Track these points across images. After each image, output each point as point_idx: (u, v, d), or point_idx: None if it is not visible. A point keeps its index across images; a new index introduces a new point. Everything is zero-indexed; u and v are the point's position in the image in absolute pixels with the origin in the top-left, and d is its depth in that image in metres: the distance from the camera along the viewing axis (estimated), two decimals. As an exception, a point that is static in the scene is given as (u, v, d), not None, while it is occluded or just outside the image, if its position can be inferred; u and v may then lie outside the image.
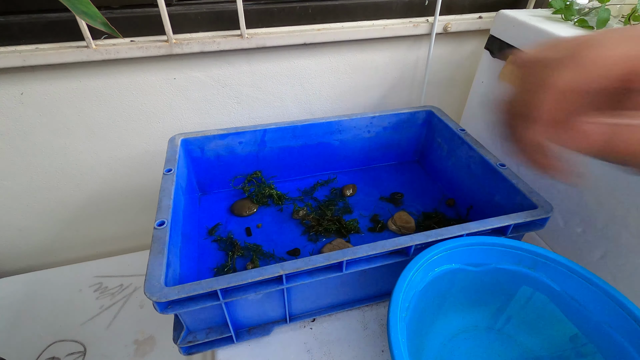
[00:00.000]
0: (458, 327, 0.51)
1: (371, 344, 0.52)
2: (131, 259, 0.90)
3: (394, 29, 0.81)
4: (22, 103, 0.71)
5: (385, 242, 0.47)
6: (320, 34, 0.77)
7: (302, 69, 0.84)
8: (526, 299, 0.49)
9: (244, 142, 0.70)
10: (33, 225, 0.88)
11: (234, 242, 0.64)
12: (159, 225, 0.48)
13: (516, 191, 0.56)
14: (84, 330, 0.76)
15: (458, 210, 0.71)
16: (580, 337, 0.45)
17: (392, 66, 0.90)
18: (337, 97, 0.91)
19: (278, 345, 0.52)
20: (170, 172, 0.57)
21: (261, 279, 0.42)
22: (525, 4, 0.89)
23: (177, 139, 0.65)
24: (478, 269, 0.48)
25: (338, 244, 0.63)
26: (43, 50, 0.65)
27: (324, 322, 0.55)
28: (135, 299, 0.82)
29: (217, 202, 0.73)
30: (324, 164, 0.79)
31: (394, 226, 0.67)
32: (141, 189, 0.91)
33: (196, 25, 0.73)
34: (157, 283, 0.41)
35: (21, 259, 0.93)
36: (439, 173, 0.78)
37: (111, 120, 0.78)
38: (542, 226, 0.53)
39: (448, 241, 0.46)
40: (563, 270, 0.45)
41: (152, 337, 0.75)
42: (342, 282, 0.52)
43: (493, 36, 0.75)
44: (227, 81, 0.80)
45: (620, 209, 0.53)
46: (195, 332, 0.49)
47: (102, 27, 0.33)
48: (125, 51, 0.68)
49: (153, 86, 0.76)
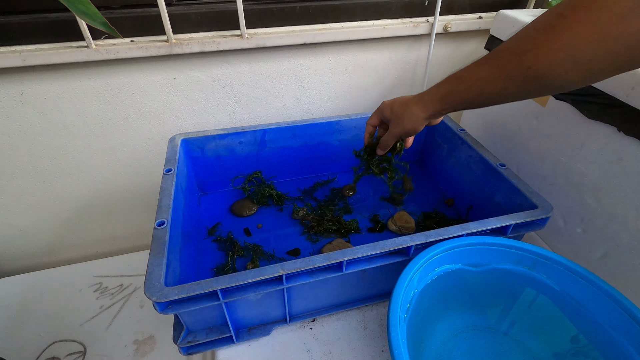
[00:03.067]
0: (458, 327, 0.51)
1: (371, 344, 0.52)
2: (131, 259, 0.90)
3: (394, 29, 0.81)
4: (22, 103, 0.71)
5: (385, 242, 0.47)
6: (320, 34, 0.77)
7: (302, 69, 0.84)
8: (529, 301, 0.49)
9: (244, 142, 0.70)
10: (33, 225, 0.88)
11: (234, 242, 0.64)
12: (159, 225, 0.48)
13: (516, 191, 0.56)
14: (84, 330, 0.76)
15: (458, 210, 0.71)
16: (581, 338, 0.45)
17: (392, 66, 0.90)
18: (337, 97, 0.91)
19: (278, 345, 0.52)
20: (170, 172, 0.57)
21: (261, 279, 0.42)
22: (525, 4, 0.89)
23: (177, 139, 0.65)
24: (478, 269, 0.48)
25: (338, 244, 0.63)
26: (43, 50, 0.65)
27: (324, 322, 0.55)
28: (135, 299, 0.82)
29: (217, 202, 0.73)
30: (324, 164, 0.79)
31: (394, 226, 0.67)
32: (141, 189, 0.91)
33: (196, 25, 0.73)
34: (157, 283, 0.41)
35: (21, 259, 0.93)
36: (439, 173, 0.78)
37: (111, 120, 0.78)
38: (542, 226, 0.53)
39: (448, 241, 0.46)
40: (563, 270, 0.45)
41: (152, 337, 0.75)
42: (342, 282, 0.52)
43: (493, 36, 0.75)
44: (227, 81, 0.80)
45: (620, 209, 0.53)
46: (195, 332, 0.49)
47: (102, 27, 0.33)
48: (125, 51, 0.68)
49: (153, 86, 0.76)
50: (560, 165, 0.62)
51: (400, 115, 0.53)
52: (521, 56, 0.37)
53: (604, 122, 0.53)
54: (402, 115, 0.52)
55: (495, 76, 0.40)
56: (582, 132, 0.57)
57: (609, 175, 0.54)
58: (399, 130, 0.54)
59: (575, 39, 0.33)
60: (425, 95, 0.50)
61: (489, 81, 0.41)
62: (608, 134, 0.53)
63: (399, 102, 0.54)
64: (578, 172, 0.59)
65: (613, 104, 0.51)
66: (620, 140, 0.52)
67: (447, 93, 0.47)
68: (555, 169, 0.63)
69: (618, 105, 0.51)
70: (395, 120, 0.54)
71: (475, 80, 0.43)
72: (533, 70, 0.36)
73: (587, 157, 0.57)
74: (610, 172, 0.54)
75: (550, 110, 0.63)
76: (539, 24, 0.36)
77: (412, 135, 0.55)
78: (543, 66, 0.36)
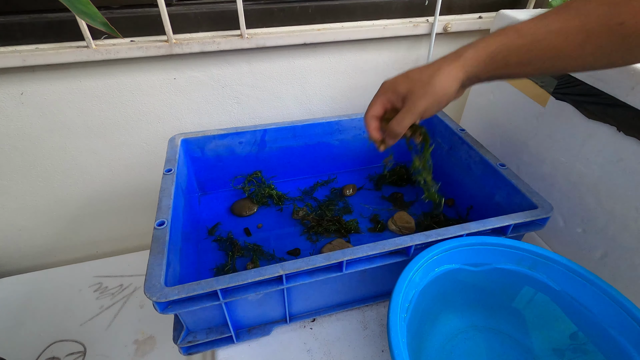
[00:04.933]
0: (458, 327, 0.51)
1: (371, 344, 0.52)
2: (131, 259, 0.90)
3: (394, 29, 0.81)
4: (22, 103, 0.71)
5: (385, 242, 0.47)
6: (320, 34, 0.77)
7: (302, 69, 0.83)
8: (528, 299, 0.49)
9: (244, 142, 0.70)
10: (33, 225, 0.88)
11: (234, 242, 0.64)
12: (159, 225, 0.48)
13: (516, 191, 0.56)
14: (84, 330, 0.76)
15: (458, 210, 0.71)
16: (580, 335, 0.45)
17: (392, 66, 0.89)
18: (337, 97, 0.91)
19: (278, 345, 0.52)
20: (170, 172, 0.57)
21: (261, 279, 0.42)
22: (525, 4, 0.89)
23: (177, 139, 0.65)
24: (478, 269, 0.48)
25: (338, 244, 0.63)
26: (43, 50, 0.65)
27: (324, 322, 0.55)
28: (135, 299, 0.82)
29: (217, 202, 0.73)
30: (324, 164, 0.79)
31: (394, 226, 0.67)
32: (141, 189, 0.91)
33: (196, 25, 0.73)
34: (157, 283, 0.41)
35: (21, 259, 0.93)
36: (439, 173, 0.78)
37: (111, 120, 0.78)
38: (542, 226, 0.53)
39: (448, 241, 0.46)
40: (563, 270, 0.45)
41: (152, 337, 0.75)
42: (342, 282, 0.52)
43: (493, 36, 0.74)
44: (227, 81, 0.80)
45: (620, 209, 0.53)
46: (195, 332, 0.49)
47: (102, 27, 0.33)
48: (125, 51, 0.68)
49: (153, 86, 0.76)
50: (560, 165, 0.62)
51: (427, 80, 0.39)
52: (613, 6, 0.30)
53: (604, 122, 0.53)
54: (430, 79, 0.39)
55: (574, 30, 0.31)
56: (582, 132, 0.57)
57: (609, 175, 0.54)
58: (427, 102, 0.39)
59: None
60: (467, 50, 0.38)
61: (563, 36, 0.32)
62: (608, 134, 0.53)
63: (416, 70, 0.41)
64: (578, 172, 0.59)
65: (613, 104, 0.51)
66: (620, 140, 0.52)
67: (500, 49, 0.36)
68: (555, 169, 0.63)
69: (618, 105, 0.51)
70: (420, 90, 0.39)
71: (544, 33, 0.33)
72: (628, 26, 0.29)
73: (587, 157, 0.57)
74: (610, 172, 0.54)
75: (550, 110, 0.63)
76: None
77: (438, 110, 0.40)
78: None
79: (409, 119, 0.40)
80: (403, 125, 0.41)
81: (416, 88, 0.39)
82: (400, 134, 0.42)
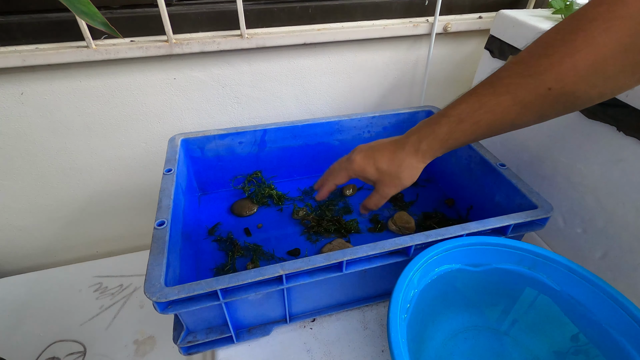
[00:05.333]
0: (458, 327, 0.51)
1: (371, 344, 0.52)
2: (131, 259, 0.90)
3: (394, 29, 0.81)
4: (22, 103, 0.71)
5: (385, 242, 0.47)
6: (320, 34, 0.77)
7: (302, 69, 0.84)
8: (530, 300, 0.49)
9: (244, 142, 0.70)
10: (33, 225, 0.88)
11: (234, 242, 0.64)
12: (159, 225, 0.48)
13: (516, 191, 0.56)
14: (84, 330, 0.76)
15: (458, 210, 0.71)
16: (581, 337, 0.45)
17: (392, 66, 0.90)
18: (337, 97, 0.91)
19: (278, 345, 0.52)
20: (170, 172, 0.57)
21: (261, 279, 0.42)
22: (525, 4, 0.89)
23: (177, 139, 0.65)
24: (478, 269, 0.48)
25: (338, 244, 0.63)
26: (43, 50, 0.65)
27: (324, 322, 0.55)
28: (135, 299, 0.82)
29: (217, 202, 0.73)
30: (324, 164, 0.78)
31: (394, 226, 0.67)
32: (141, 189, 0.91)
33: (196, 25, 0.73)
34: (157, 283, 0.41)
35: (21, 259, 0.93)
36: (439, 173, 0.78)
37: (111, 120, 0.78)
38: (542, 226, 0.53)
39: (448, 241, 0.46)
40: (563, 270, 0.45)
41: (152, 337, 0.75)
42: (342, 282, 0.52)
43: (493, 36, 0.75)
44: (227, 81, 0.80)
45: (620, 209, 0.53)
46: (195, 332, 0.49)
47: (102, 27, 0.33)
48: (125, 51, 0.68)
49: (153, 86, 0.76)
50: (560, 165, 0.62)
51: (395, 172, 0.47)
52: (536, 76, 0.33)
53: (604, 122, 0.53)
54: (398, 172, 0.47)
55: (508, 104, 0.36)
56: (582, 132, 0.57)
57: (609, 175, 0.54)
58: (397, 189, 0.48)
59: (600, 50, 0.30)
60: (420, 143, 0.45)
61: (500, 113, 0.37)
62: (608, 134, 0.53)
63: (386, 158, 0.47)
64: (578, 172, 0.59)
65: (613, 104, 0.51)
66: (620, 140, 0.52)
67: (448, 136, 0.42)
68: (555, 169, 0.63)
69: (618, 105, 0.51)
70: (389, 180, 0.48)
71: (482, 114, 0.38)
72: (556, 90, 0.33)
73: (587, 157, 0.57)
74: (610, 172, 0.54)
75: (550, 110, 0.63)
76: (554, 39, 0.33)
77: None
78: (569, 84, 0.32)
79: (382, 202, 0.51)
80: (379, 206, 0.52)
81: (386, 180, 0.48)
82: (377, 207, 0.53)
